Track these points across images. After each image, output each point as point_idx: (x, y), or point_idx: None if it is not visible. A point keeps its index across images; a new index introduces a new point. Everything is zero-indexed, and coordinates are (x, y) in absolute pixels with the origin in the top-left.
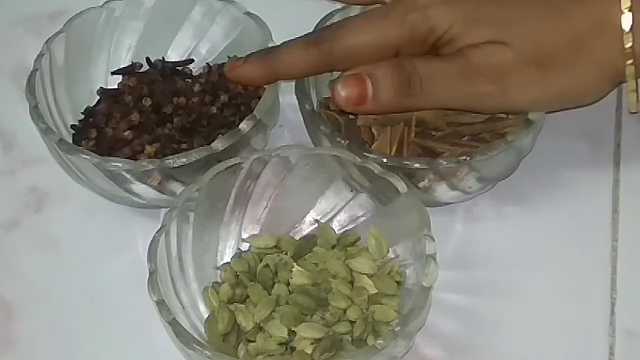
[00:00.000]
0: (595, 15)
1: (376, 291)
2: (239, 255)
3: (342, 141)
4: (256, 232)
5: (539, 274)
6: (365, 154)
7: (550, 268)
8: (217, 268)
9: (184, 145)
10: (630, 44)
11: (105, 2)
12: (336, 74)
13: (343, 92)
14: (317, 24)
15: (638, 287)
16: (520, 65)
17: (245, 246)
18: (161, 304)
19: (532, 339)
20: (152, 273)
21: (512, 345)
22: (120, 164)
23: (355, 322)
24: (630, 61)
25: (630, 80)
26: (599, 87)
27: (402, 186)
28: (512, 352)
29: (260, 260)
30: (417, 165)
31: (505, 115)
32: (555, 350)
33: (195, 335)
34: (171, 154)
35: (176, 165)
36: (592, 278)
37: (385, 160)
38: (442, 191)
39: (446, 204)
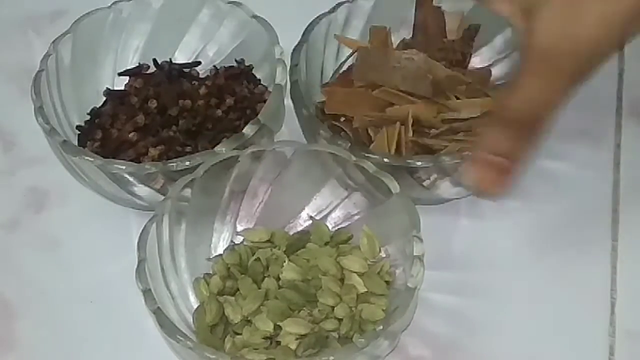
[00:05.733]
0: None
1: (365, 290)
2: (231, 247)
3: (344, 144)
4: (251, 225)
5: (538, 274)
6: (367, 154)
7: (550, 268)
8: (209, 260)
9: (188, 148)
10: None
11: (113, 3)
12: (326, 76)
13: (477, 181)
14: (304, 33)
15: (638, 287)
16: None
17: (239, 239)
18: (147, 293)
19: (532, 340)
20: (141, 262)
21: (510, 346)
22: (123, 167)
23: (343, 319)
24: None
25: None
26: None
27: (394, 186)
28: (510, 353)
29: (253, 254)
30: (419, 163)
31: None
32: (555, 351)
33: (184, 326)
34: (175, 157)
35: (179, 169)
36: (592, 278)
37: (387, 160)
38: (445, 188)
39: (448, 200)
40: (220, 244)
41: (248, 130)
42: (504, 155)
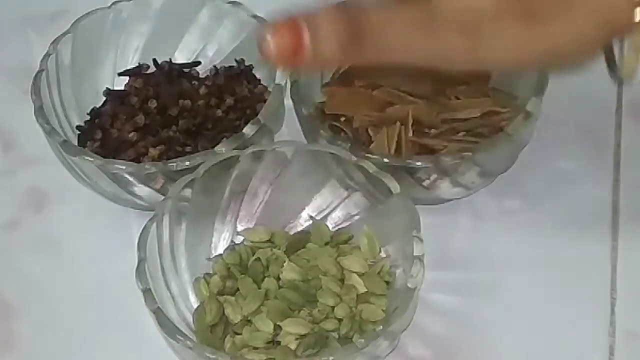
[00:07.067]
0: None
1: (365, 290)
2: (232, 247)
3: (344, 144)
4: (252, 225)
5: (538, 273)
6: (367, 155)
7: (550, 268)
8: (209, 259)
9: (188, 148)
10: None
11: (113, 3)
12: (326, 76)
13: (272, 41)
14: None
15: (638, 287)
16: (499, 13)
17: (239, 239)
18: (147, 293)
19: (532, 340)
20: (141, 262)
21: (510, 346)
22: (123, 167)
23: (343, 320)
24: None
25: (638, 35)
26: (593, 44)
27: (394, 186)
28: (510, 353)
29: (253, 254)
30: (419, 163)
31: (501, 109)
32: (555, 351)
33: (184, 326)
34: (175, 157)
35: (179, 169)
36: (592, 278)
37: (387, 160)
38: (445, 188)
39: (448, 200)
40: (220, 244)
41: (248, 130)
42: (319, 39)
